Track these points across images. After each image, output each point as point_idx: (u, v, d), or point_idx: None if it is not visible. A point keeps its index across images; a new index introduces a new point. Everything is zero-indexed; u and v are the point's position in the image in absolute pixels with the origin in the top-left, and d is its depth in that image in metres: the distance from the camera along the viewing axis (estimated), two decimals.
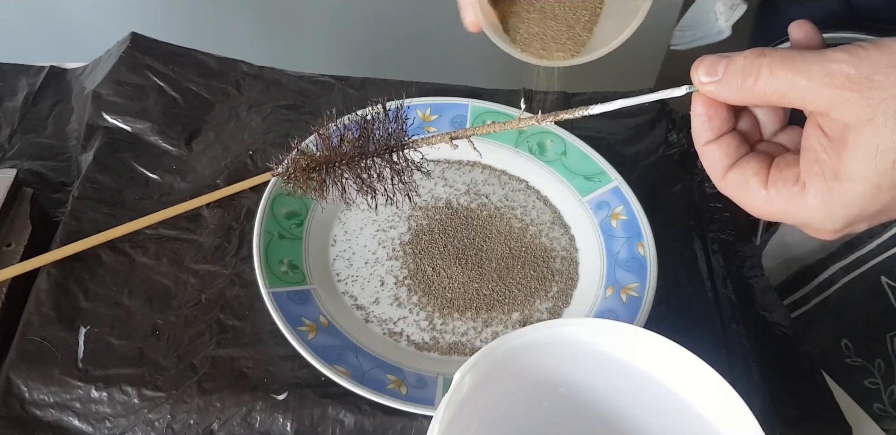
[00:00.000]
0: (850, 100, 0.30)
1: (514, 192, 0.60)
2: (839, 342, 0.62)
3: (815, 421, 0.51)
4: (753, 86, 0.32)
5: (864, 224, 0.33)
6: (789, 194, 0.33)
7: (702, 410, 0.38)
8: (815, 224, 0.33)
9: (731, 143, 0.35)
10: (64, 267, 0.50)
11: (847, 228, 0.33)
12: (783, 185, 0.33)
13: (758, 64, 0.31)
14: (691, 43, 0.75)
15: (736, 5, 0.71)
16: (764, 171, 0.34)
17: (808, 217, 0.33)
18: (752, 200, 0.34)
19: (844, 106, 0.30)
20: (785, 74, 0.31)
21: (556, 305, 0.53)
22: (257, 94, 0.65)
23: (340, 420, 0.46)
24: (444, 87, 0.66)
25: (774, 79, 0.31)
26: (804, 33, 0.35)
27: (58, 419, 0.45)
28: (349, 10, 1.14)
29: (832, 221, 0.32)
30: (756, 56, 0.31)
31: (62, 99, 0.64)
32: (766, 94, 0.32)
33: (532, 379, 0.41)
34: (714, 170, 0.36)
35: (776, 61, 0.31)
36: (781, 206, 0.33)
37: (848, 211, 0.32)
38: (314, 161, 0.39)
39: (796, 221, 0.34)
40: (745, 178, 0.34)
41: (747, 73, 0.32)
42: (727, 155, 0.35)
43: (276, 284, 0.49)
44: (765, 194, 0.34)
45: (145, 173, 0.58)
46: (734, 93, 0.33)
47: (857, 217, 0.32)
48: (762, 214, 0.35)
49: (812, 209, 0.32)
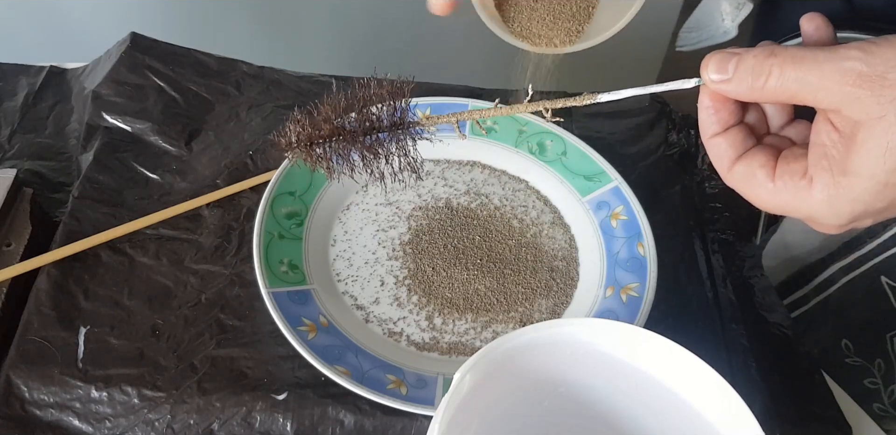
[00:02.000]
0: (862, 97, 0.30)
1: (514, 192, 0.60)
2: (839, 342, 0.62)
3: (815, 421, 0.51)
4: (764, 85, 0.32)
5: (868, 220, 0.33)
6: (796, 188, 0.33)
7: (702, 410, 0.38)
8: (820, 218, 0.33)
9: (737, 135, 0.35)
10: (64, 267, 0.50)
11: (852, 223, 0.33)
12: (790, 179, 0.33)
13: (768, 64, 0.31)
14: (698, 44, 0.75)
15: (742, 5, 0.70)
16: (771, 164, 0.34)
17: (814, 211, 0.33)
18: (757, 193, 0.34)
19: (856, 103, 0.30)
20: (796, 74, 0.31)
21: (556, 305, 0.53)
22: (257, 94, 0.65)
23: (340, 420, 0.46)
24: (444, 87, 0.66)
25: (785, 78, 0.31)
26: (815, 26, 0.35)
27: (58, 419, 0.45)
28: (349, 10, 1.14)
29: (837, 216, 0.32)
30: (766, 55, 0.31)
31: (62, 99, 0.64)
32: (777, 93, 0.32)
33: (532, 379, 0.41)
34: (720, 162, 0.35)
35: (787, 60, 0.31)
36: (787, 199, 0.33)
37: (853, 207, 0.32)
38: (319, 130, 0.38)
39: (801, 214, 0.34)
40: (752, 171, 0.34)
41: (758, 72, 0.32)
42: (734, 147, 0.35)
43: (276, 284, 0.49)
44: (771, 187, 0.34)
45: (145, 173, 0.58)
46: (745, 91, 0.32)
47: (863, 213, 0.32)
48: (767, 207, 0.35)
49: (818, 203, 0.32)
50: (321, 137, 0.38)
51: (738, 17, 0.70)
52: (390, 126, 0.39)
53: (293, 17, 1.15)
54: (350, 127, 0.38)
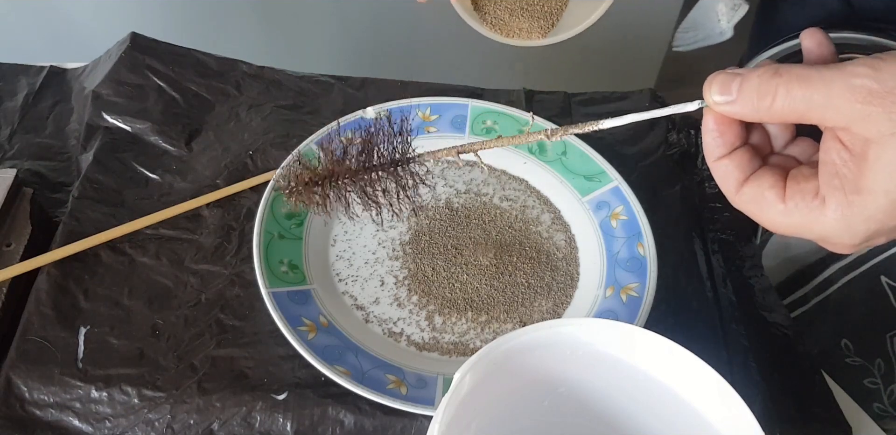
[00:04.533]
0: (873, 114, 0.29)
1: (514, 192, 0.60)
2: (839, 342, 0.62)
3: (815, 421, 0.51)
4: (771, 106, 0.31)
5: (882, 238, 0.33)
6: (808, 208, 0.32)
7: (702, 410, 0.38)
8: (834, 238, 0.33)
9: (743, 157, 0.35)
10: (64, 267, 0.50)
11: (866, 242, 0.32)
12: (801, 199, 0.32)
13: (773, 84, 0.31)
14: (693, 44, 0.75)
15: (738, 6, 0.71)
16: (780, 185, 0.33)
17: (827, 231, 0.32)
18: (768, 215, 0.34)
19: (866, 120, 0.29)
20: (803, 93, 0.30)
21: (556, 305, 0.53)
22: (257, 94, 0.65)
23: (340, 420, 0.46)
24: (444, 87, 0.66)
25: (792, 99, 0.30)
26: (817, 42, 0.35)
27: (58, 419, 0.45)
28: (349, 10, 1.14)
29: (851, 236, 0.32)
30: (771, 75, 0.31)
31: (62, 99, 0.64)
32: (784, 113, 0.31)
33: (532, 379, 0.41)
34: (727, 185, 0.35)
35: (793, 80, 0.30)
36: (799, 220, 0.33)
37: (868, 225, 0.31)
38: (316, 174, 0.38)
39: (815, 235, 0.33)
40: (761, 192, 0.34)
41: (763, 93, 0.31)
42: (740, 169, 0.34)
43: (276, 284, 0.49)
44: (782, 208, 0.33)
45: (145, 173, 0.58)
46: (750, 112, 0.32)
47: (877, 231, 0.32)
48: (779, 229, 0.34)
49: (831, 223, 0.32)
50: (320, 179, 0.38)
51: (734, 18, 0.70)
52: (389, 163, 0.39)
53: (293, 17, 1.15)
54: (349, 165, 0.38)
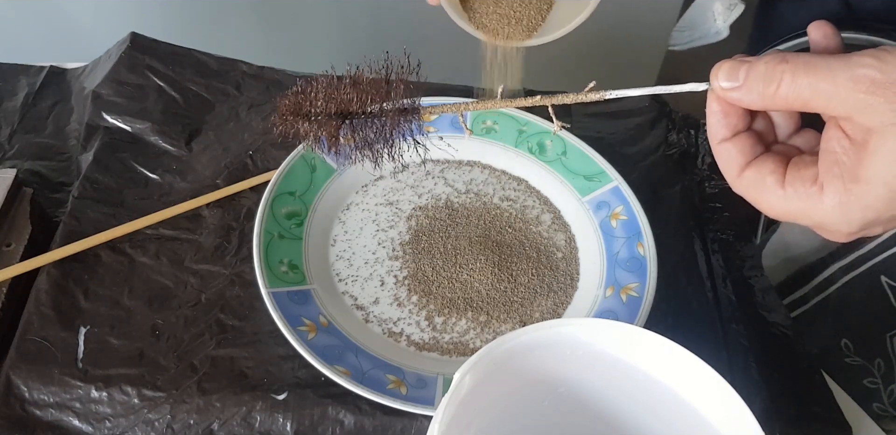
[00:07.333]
0: (875, 104, 0.29)
1: (514, 192, 0.60)
2: (839, 342, 0.62)
3: (815, 421, 0.51)
4: (776, 92, 0.31)
5: (879, 228, 0.33)
6: (806, 195, 0.33)
7: (702, 410, 0.38)
8: (831, 226, 0.33)
9: (746, 141, 0.35)
10: (64, 267, 0.50)
11: (862, 231, 0.33)
12: (801, 186, 0.33)
13: (779, 70, 0.31)
14: (689, 43, 0.76)
15: (734, 5, 0.71)
16: (780, 171, 0.34)
17: (824, 218, 0.33)
18: (767, 199, 0.34)
19: (868, 110, 0.30)
20: (808, 81, 0.30)
21: (556, 305, 0.53)
22: (257, 94, 0.65)
23: (340, 420, 0.46)
24: (444, 87, 0.66)
25: (797, 86, 0.31)
26: (823, 34, 0.35)
27: (58, 419, 0.45)
28: (349, 10, 1.14)
29: (848, 224, 0.32)
30: (777, 62, 0.31)
31: (62, 99, 0.64)
32: (788, 100, 0.31)
33: (532, 379, 0.41)
34: (729, 168, 0.35)
35: (798, 68, 0.31)
36: (797, 206, 0.33)
37: (864, 214, 0.31)
38: (315, 107, 0.37)
39: (811, 221, 0.33)
40: (762, 177, 0.34)
41: (769, 79, 0.31)
42: (743, 153, 0.35)
43: (276, 284, 0.49)
44: (781, 193, 0.33)
45: (145, 173, 0.58)
46: (756, 99, 0.32)
47: (874, 221, 0.32)
48: (777, 214, 0.34)
49: (828, 211, 0.32)
50: (314, 113, 0.37)
51: (730, 18, 0.70)
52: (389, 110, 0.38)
53: (293, 17, 1.15)
54: (345, 106, 0.37)
